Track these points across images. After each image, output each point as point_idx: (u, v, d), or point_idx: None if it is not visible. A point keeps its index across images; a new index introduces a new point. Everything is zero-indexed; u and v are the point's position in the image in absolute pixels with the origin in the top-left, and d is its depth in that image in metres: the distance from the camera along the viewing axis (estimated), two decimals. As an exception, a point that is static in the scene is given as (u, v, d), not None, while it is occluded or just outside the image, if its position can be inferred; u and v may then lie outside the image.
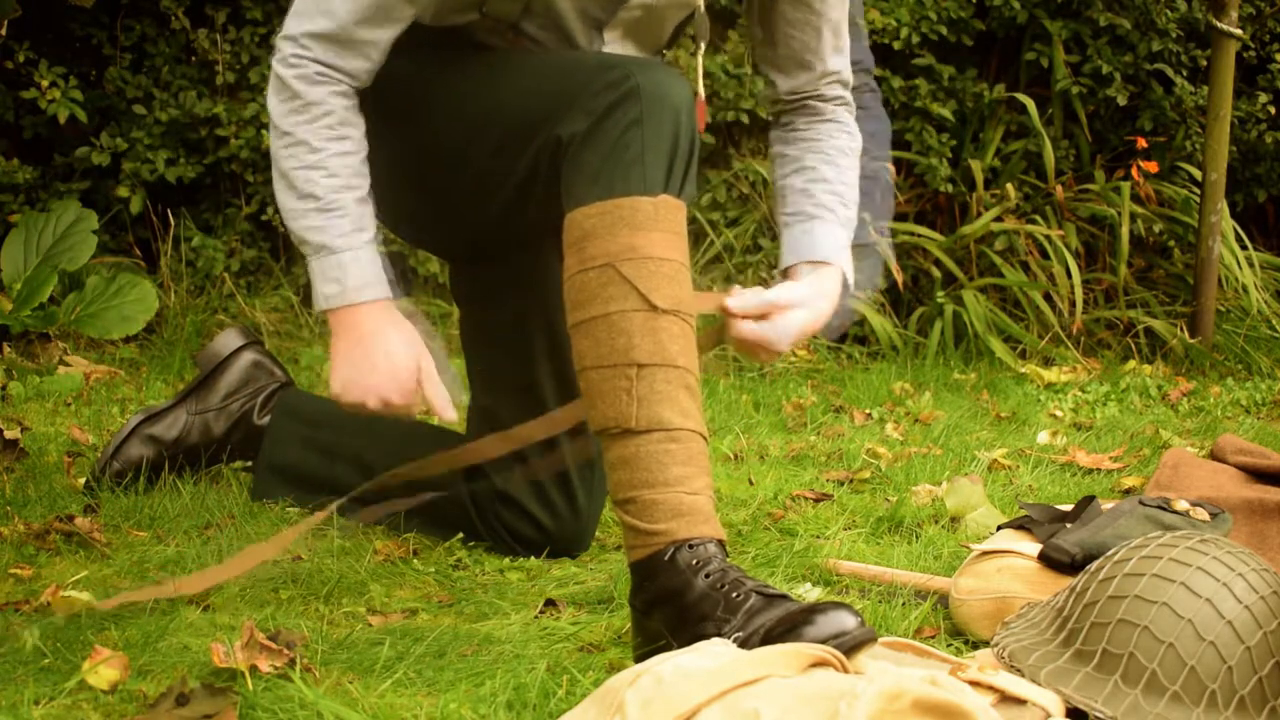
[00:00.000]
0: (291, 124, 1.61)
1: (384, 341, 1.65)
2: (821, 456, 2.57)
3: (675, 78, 1.54)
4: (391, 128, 1.70)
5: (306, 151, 1.61)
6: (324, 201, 1.62)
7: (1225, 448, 2.48)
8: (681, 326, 1.48)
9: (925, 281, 3.92)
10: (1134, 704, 1.22)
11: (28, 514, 1.88)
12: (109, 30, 3.62)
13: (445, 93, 1.68)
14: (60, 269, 3.24)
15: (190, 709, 1.22)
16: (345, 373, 1.65)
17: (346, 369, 1.65)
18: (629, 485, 1.44)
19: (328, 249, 1.63)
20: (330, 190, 1.62)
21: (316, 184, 1.62)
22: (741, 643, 1.32)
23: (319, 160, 1.62)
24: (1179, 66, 4.23)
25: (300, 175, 1.62)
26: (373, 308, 1.65)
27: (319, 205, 1.62)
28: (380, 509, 1.84)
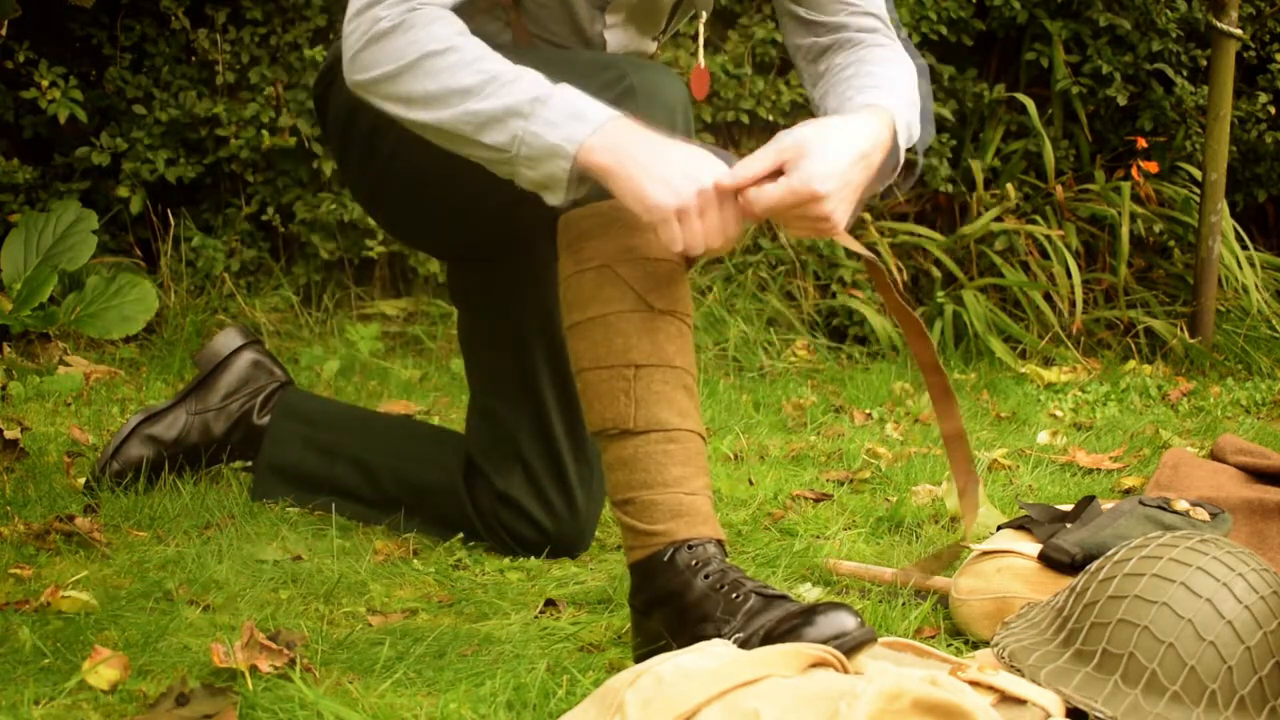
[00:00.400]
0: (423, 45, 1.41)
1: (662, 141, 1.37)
2: (821, 456, 2.57)
3: (670, 77, 1.54)
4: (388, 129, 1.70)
5: (454, 54, 1.41)
6: (506, 72, 1.39)
7: (1225, 448, 2.48)
8: (679, 326, 1.48)
9: (925, 281, 3.92)
10: (1134, 704, 1.22)
11: (28, 514, 1.88)
12: (109, 30, 3.62)
13: None
14: (60, 269, 3.23)
15: (190, 709, 1.22)
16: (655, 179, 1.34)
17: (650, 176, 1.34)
18: (628, 486, 1.44)
19: (539, 99, 1.37)
20: (503, 63, 1.40)
21: (487, 66, 1.40)
22: (741, 643, 1.32)
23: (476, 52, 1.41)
24: (1179, 66, 4.23)
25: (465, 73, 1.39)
26: (623, 123, 1.37)
27: (503, 78, 1.39)
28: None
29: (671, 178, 1.34)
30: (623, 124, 1.37)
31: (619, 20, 1.72)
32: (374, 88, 1.46)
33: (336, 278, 3.70)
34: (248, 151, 3.54)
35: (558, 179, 1.38)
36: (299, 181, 3.65)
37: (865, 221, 3.95)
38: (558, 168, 1.37)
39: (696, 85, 1.75)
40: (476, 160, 1.44)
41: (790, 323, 3.75)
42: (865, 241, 3.93)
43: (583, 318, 1.47)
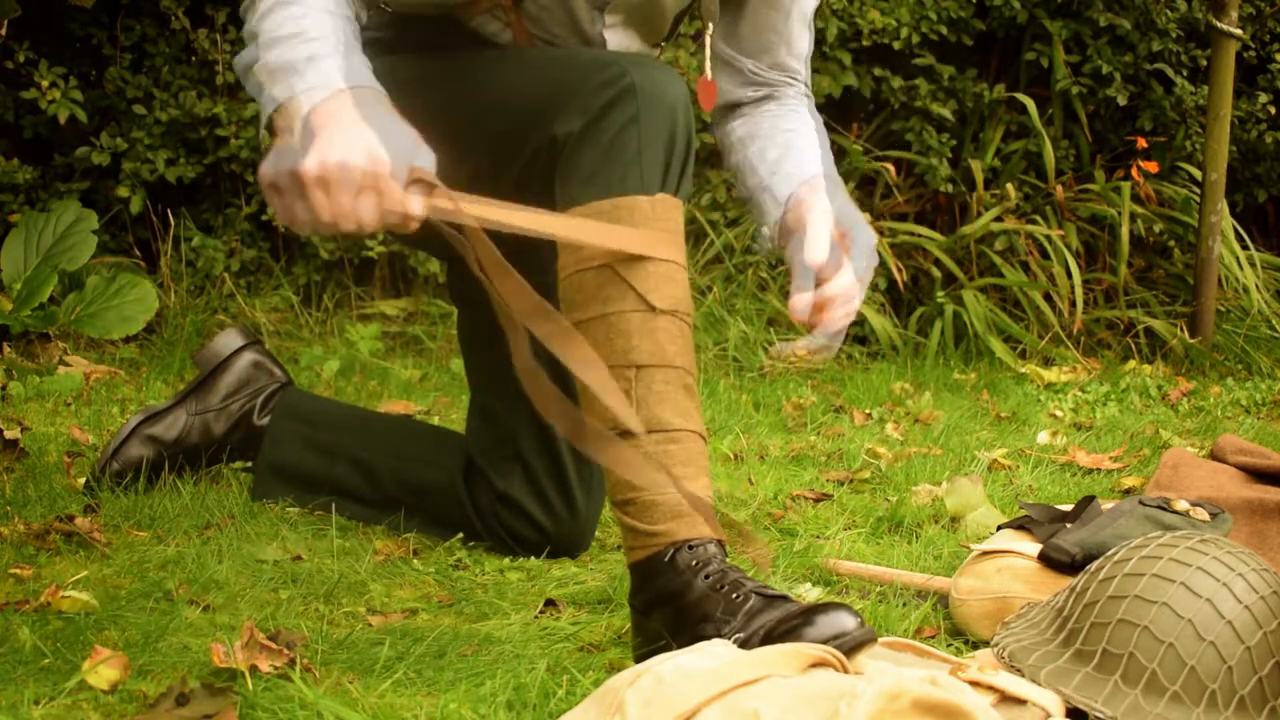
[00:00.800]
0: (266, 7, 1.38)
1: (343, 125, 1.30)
2: (821, 456, 2.57)
3: (671, 75, 1.54)
4: None
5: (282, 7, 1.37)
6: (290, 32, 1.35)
7: (1225, 448, 2.48)
8: (680, 326, 1.48)
9: (925, 281, 3.92)
10: (1134, 704, 1.22)
11: (28, 514, 1.88)
12: (109, 30, 3.62)
13: (438, 92, 1.68)
14: (60, 269, 3.23)
15: (190, 709, 1.22)
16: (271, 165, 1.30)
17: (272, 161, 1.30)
18: (628, 486, 1.44)
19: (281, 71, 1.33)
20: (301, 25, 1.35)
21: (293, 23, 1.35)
22: (741, 643, 1.32)
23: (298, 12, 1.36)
24: (1179, 66, 4.23)
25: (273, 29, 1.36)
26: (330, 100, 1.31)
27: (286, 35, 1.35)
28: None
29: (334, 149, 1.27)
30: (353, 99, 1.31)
31: (618, 21, 1.72)
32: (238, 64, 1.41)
33: (336, 278, 3.70)
34: (248, 151, 3.54)
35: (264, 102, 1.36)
36: (299, 181, 3.64)
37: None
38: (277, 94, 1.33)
39: (703, 96, 1.76)
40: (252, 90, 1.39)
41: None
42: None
43: (583, 317, 1.47)
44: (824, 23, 3.93)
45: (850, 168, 4.02)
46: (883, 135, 4.16)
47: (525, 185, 1.62)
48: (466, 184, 1.67)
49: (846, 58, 3.99)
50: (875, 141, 4.14)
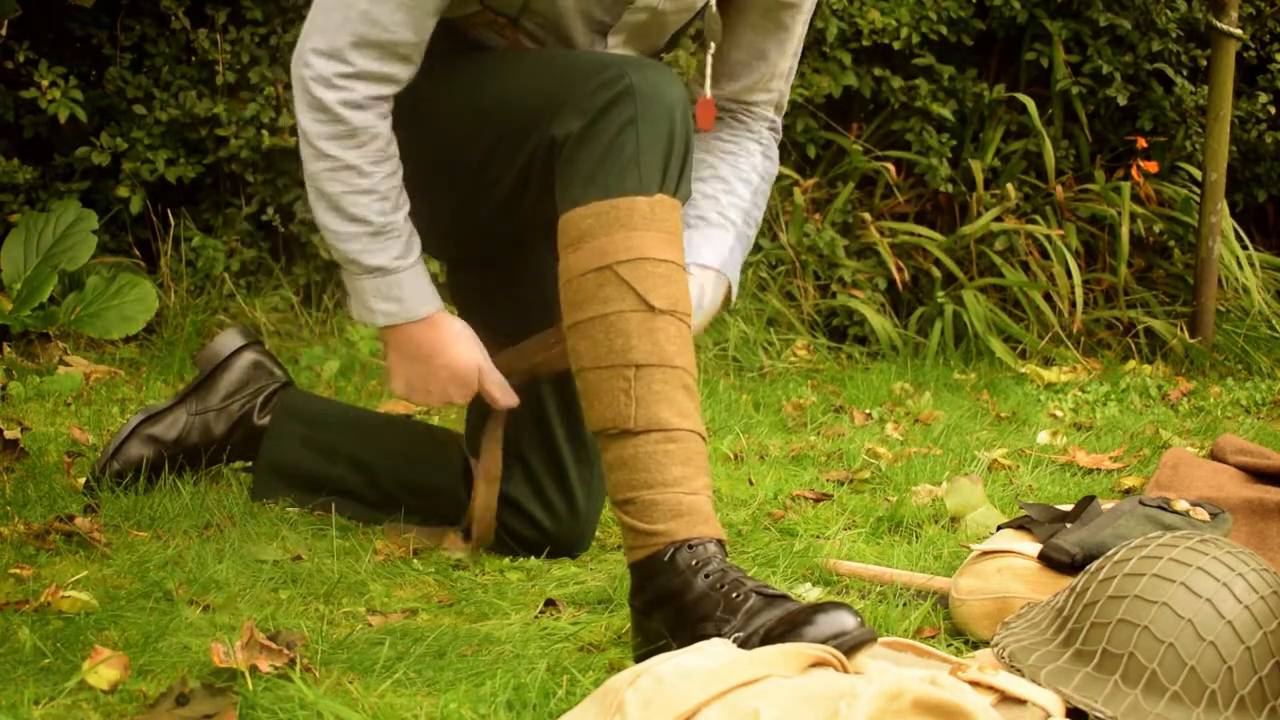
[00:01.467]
0: (337, 149, 1.58)
1: (445, 351, 1.69)
2: (821, 456, 2.57)
3: (669, 76, 1.54)
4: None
5: (356, 176, 1.59)
6: (377, 225, 1.61)
7: (1225, 448, 2.48)
8: (679, 327, 1.48)
9: (925, 281, 3.92)
10: (1134, 704, 1.22)
11: (28, 514, 1.88)
12: (109, 30, 3.61)
13: (437, 95, 1.68)
14: (60, 269, 3.23)
15: (190, 709, 1.22)
16: (410, 381, 1.72)
17: (411, 378, 1.72)
18: (628, 486, 1.44)
19: (383, 270, 1.63)
20: (382, 214, 1.61)
21: (369, 208, 1.60)
22: (741, 643, 1.32)
23: (370, 185, 1.60)
24: (1179, 66, 4.23)
25: (349, 200, 1.60)
26: (430, 321, 1.68)
27: (372, 230, 1.61)
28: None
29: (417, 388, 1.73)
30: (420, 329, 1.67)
31: (619, 42, 1.73)
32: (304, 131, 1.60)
33: (336, 278, 3.70)
34: (248, 151, 3.54)
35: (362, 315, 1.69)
36: (299, 181, 3.64)
37: (865, 221, 3.95)
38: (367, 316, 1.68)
39: (702, 116, 1.76)
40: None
41: (790, 323, 3.75)
42: (865, 242, 3.93)
43: (582, 317, 1.47)
44: (824, 23, 3.93)
45: (850, 168, 4.02)
46: (883, 135, 4.16)
47: (523, 187, 1.62)
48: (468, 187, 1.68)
49: (846, 58, 3.99)
50: (875, 141, 4.14)
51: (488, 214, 1.70)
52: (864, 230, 3.94)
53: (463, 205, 1.71)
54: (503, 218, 1.69)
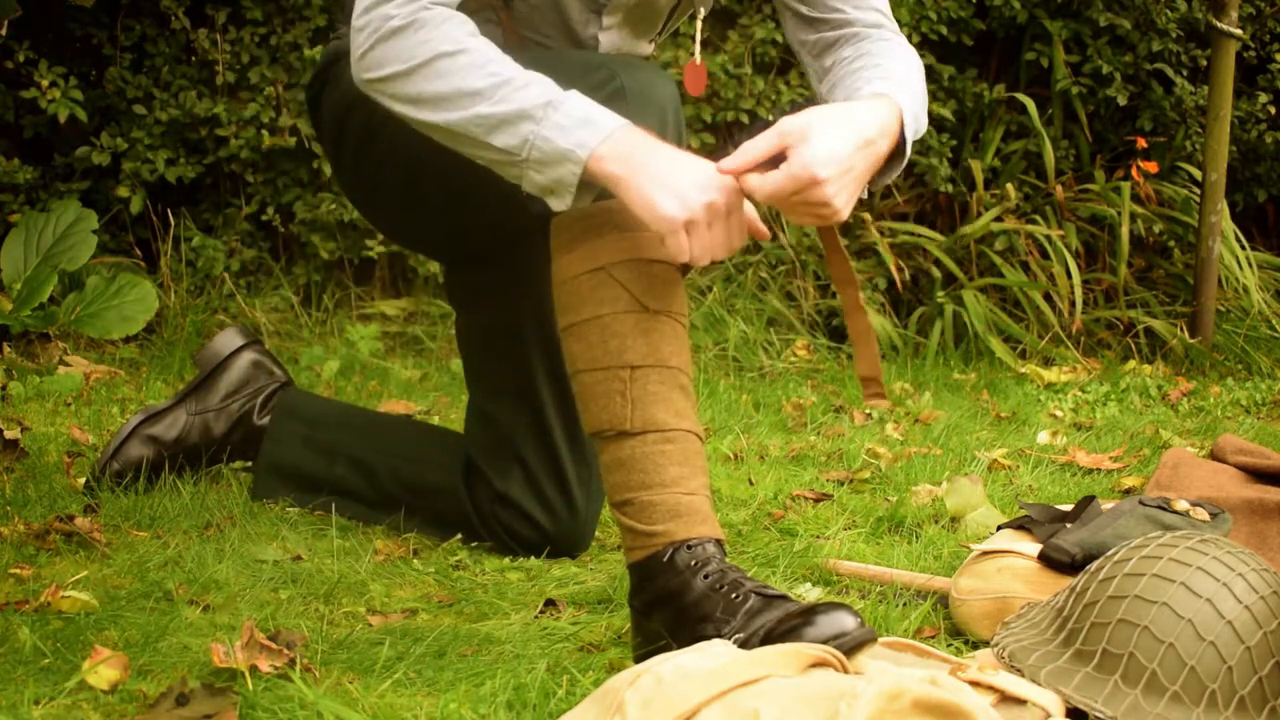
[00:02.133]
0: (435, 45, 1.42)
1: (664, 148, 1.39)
2: (821, 456, 2.57)
3: (660, 76, 1.54)
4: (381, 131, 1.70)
5: (465, 55, 1.42)
6: (518, 76, 1.41)
7: (1225, 448, 2.48)
8: (674, 327, 1.47)
9: (925, 281, 3.92)
10: (1134, 704, 1.22)
11: (28, 514, 1.88)
12: (109, 30, 3.62)
13: None
14: (60, 269, 3.23)
15: (190, 709, 1.22)
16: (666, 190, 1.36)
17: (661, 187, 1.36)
18: (625, 487, 1.44)
19: (552, 103, 1.38)
20: (514, 66, 1.42)
21: (499, 69, 1.41)
22: (741, 643, 1.32)
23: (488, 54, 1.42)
24: (1179, 66, 4.23)
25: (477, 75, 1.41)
26: (633, 131, 1.39)
27: (515, 82, 1.40)
28: None
29: (682, 189, 1.36)
30: (633, 133, 1.39)
31: (615, 22, 1.72)
32: (383, 86, 1.47)
33: (336, 278, 3.70)
34: (248, 151, 3.54)
35: (566, 184, 1.39)
36: (299, 181, 3.65)
37: (865, 221, 3.95)
38: (567, 172, 1.38)
39: (691, 81, 1.75)
40: (484, 162, 1.45)
41: (790, 323, 3.75)
42: (865, 242, 3.93)
43: (578, 319, 1.47)
44: (824, 23, 3.92)
45: (850, 168, 4.02)
46: (883, 135, 4.15)
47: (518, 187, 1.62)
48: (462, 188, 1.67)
49: (846, 58, 3.98)
50: (875, 141, 4.13)
51: (482, 215, 1.69)
52: (864, 230, 3.94)
53: (458, 206, 1.70)
54: (496, 219, 1.69)
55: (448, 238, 1.81)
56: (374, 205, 1.85)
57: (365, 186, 1.82)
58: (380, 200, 1.81)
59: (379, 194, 1.80)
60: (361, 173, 1.79)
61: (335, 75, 1.80)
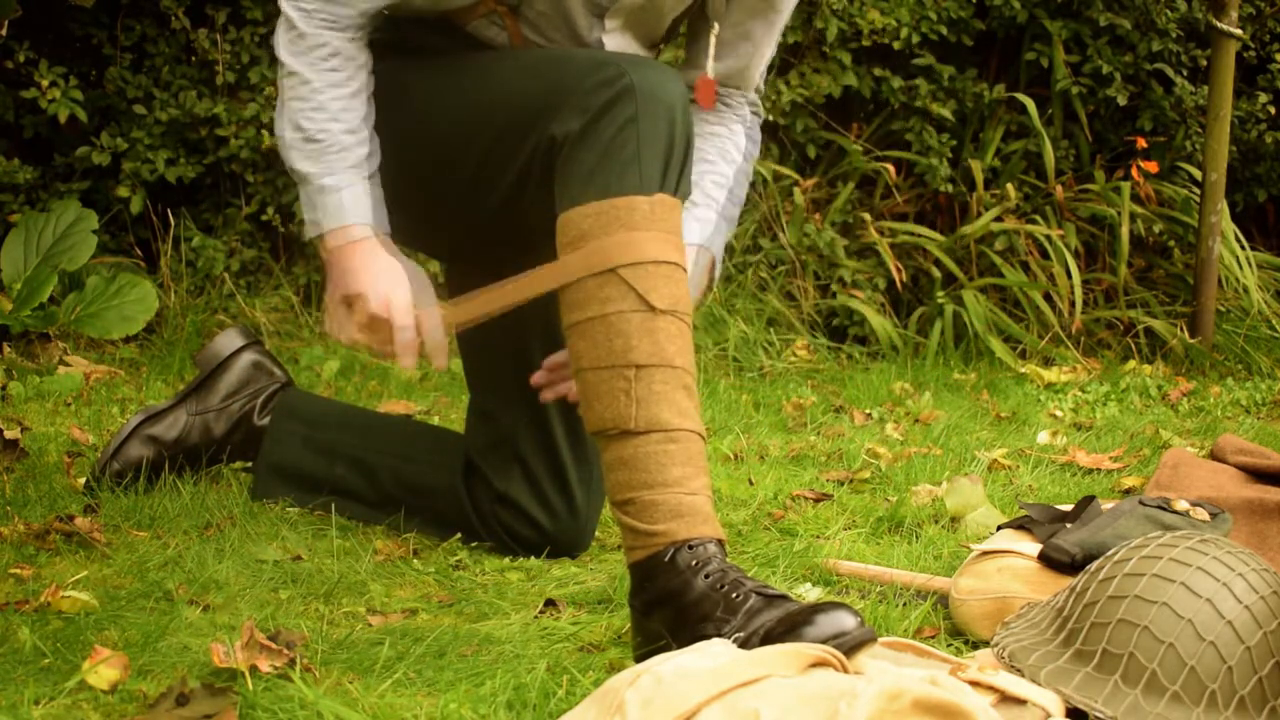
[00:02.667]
0: (289, 56, 1.68)
1: (360, 276, 1.62)
2: (821, 456, 2.57)
3: (669, 75, 1.54)
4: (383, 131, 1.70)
5: (300, 83, 1.65)
6: (311, 133, 1.64)
7: (1225, 448, 2.48)
8: (679, 326, 1.47)
9: (925, 281, 3.92)
10: (1134, 704, 1.22)
11: (28, 514, 1.88)
12: (109, 30, 3.61)
13: (435, 95, 1.68)
14: (60, 269, 3.23)
15: (190, 709, 1.22)
16: (328, 307, 1.68)
17: (329, 303, 1.67)
18: (627, 486, 1.44)
19: (307, 179, 1.64)
20: (319, 124, 1.64)
21: (308, 117, 1.64)
22: (741, 643, 1.32)
23: (310, 92, 1.65)
24: (1179, 66, 4.23)
25: (294, 107, 1.65)
26: (357, 245, 1.64)
27: (306, 136, 1.64)
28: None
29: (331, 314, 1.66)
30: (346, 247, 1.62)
31: (617, 26, 1.72)
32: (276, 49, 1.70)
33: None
34: (248, 151, 3.54)
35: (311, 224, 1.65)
36: (299, 181, 3.64)
37: (865, 222, 3.95)
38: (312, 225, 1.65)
39: (703, 95, 1.76)
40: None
41: (790, 323, 3.75)
42: (865, 242, 3.93)
43: (582, 317, 1.47)
44: (824, 23, 3.93)
45: (850, 168, 4.02)
46: (883, 135, 4.16)
47: (522, 186, 1.62)
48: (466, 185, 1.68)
49: (846, 58, 3.99)
50: (875, 141, 4.14)
51: (486, 213, 1.69)
52: (864, 230, 3.94)
53: (461, 204, 1.70)
54: (501, 217, 1.69)
55: (448, 237, 1.81)
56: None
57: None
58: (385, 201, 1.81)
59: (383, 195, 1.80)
60: None
61: None
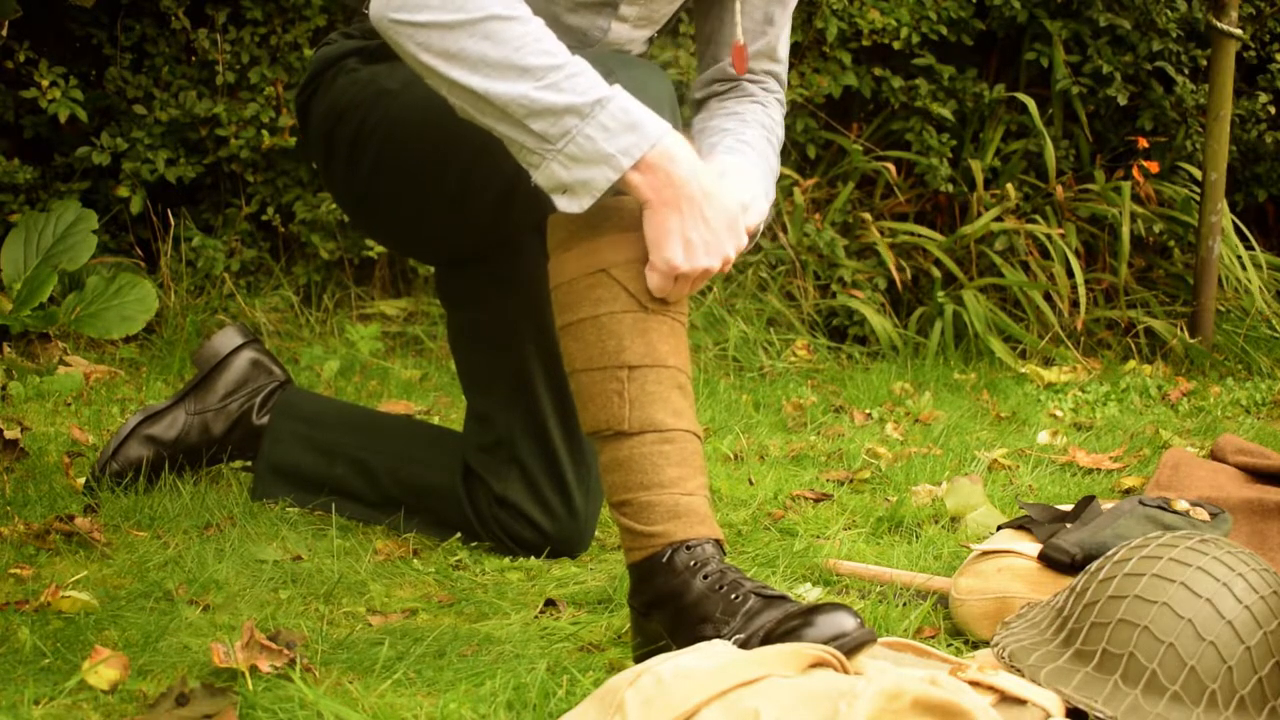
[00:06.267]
0: (487, 5, 1.36)
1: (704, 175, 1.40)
2: (821, 456, 2.57)
3: (656, 73, 1.54)
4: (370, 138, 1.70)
5: (520, 25, 1.36)
6: (569, 62, 1.37)
7: (1225, 448, 2.48)
8: (672, 325, 1.47)
9: (925, 281, 3.92)
10: (1134, 704, 1.22)
11: (28, 514, 1.88)
12: (109, 30, 3.62)
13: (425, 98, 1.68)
14: (60, 269, 3.24)
15: (190, 709, 1.22)
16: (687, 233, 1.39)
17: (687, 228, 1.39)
18: (624, 487, 1.44)
19: (600, 101, 1.35)
20: (565, 51, 1.38)
21: (550, 48, 1.37)
22: (741, 644, 1.32)
23: (540, 29, 1.38)
24: (1179, 66, 4.23)
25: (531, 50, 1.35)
26: (677, 142, 1.38)
27: (567, 68, 1.36)
28: None
29: (694, 246, 1.41)
30: (676, 146, 1.38)
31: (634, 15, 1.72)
32: (412, 32, 1.39)
33: (336, 278, 3.70)
34: (248, 151, 3.54)
35: (594, 186, 1.37)
36: (299, 181, 3.65)
37: (865, 221, 3.95)
38: (601, 175, 1.36)
39: (737, 60, 1.75)
40: (499, 135, 1.40)
41: (790, 323, 3.75)
42: (865, 242, 3.93)
43: (575, 318, 1.47)
44: (824, 23, 3.93)
45: (850, 168, 4.02)
46: (883, 135, 4.16)
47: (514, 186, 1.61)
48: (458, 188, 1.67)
49: (846, 58, 3.99)
50: (875, 141, 4.14)
51: (478, 215, 1.69)
52: (864, 230, 3.94)
53: (453, 207, 1.70)
54: (492, 219, 1.69)
55: (440, 243, 1.81)
56: (365, 212, 1.85)
57: (356, 194, 1.81)
58: (371, 207, 1.81)
59: (370, 201, 1.79)
60: (352, 180, 1.79)
61: (325, 83, 1.80)
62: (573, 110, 1.35)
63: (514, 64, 1.35)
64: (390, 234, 1.90)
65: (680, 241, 1.39)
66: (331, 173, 1.83)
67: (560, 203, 1.39)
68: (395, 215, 1.79)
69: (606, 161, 1.35)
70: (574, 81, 1.36)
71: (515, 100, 1.36)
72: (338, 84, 1.78)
